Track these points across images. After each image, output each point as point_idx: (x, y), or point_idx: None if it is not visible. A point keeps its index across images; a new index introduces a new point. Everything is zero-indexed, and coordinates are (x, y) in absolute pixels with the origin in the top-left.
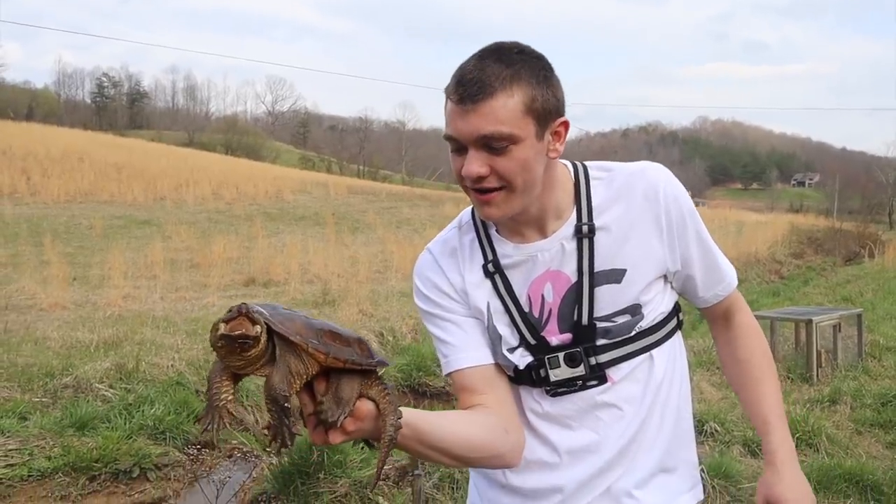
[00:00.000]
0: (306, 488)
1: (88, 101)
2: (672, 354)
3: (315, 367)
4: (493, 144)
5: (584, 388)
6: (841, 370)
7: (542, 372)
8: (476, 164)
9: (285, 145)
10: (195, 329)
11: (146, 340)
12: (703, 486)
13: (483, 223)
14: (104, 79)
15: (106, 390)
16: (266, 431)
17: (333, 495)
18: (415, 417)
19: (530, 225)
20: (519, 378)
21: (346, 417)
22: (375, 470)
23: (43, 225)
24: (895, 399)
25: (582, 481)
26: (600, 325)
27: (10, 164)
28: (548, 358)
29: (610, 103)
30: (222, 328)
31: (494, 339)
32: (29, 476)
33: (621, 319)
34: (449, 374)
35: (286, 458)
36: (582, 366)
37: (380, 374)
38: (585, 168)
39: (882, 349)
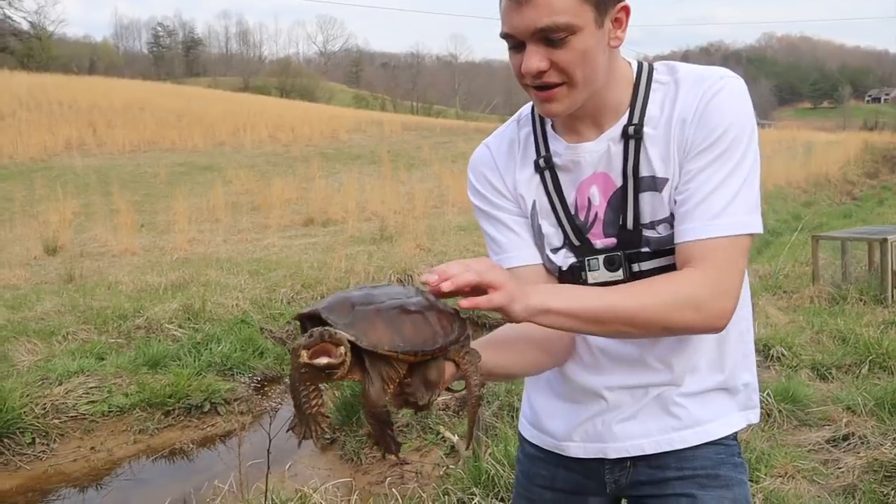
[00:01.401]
0: None
1: (146, 51)
2: None
3: (405, 366)
4: (551, 36)
5: None
6: None
7: (582, 274)
8: (535, 58)
9: (339, 85)
10: (257, 269)
11: (211, 282)
12: (770, 411)
13: (540, 118)
14: (159, 28)
15: (175, 330)
16: (369, 438)
17: (395, 425)
18: (483, 359)
19: (586, 120)
20: (562, 279)
21: (436, 398)
22: (468, 430)
23: (111, 175)
24: None
25: (626, 386)
26: (645, 232)
27: (77, 117)
28: (588, 259)
29: (668, 24)
30: (304, 356)
31: (538, 238)
32: (109, 412)
33: (663, 231)
34: None
35: (349, 392)
36: (621, 270)
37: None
38: (651, 68)
39: None
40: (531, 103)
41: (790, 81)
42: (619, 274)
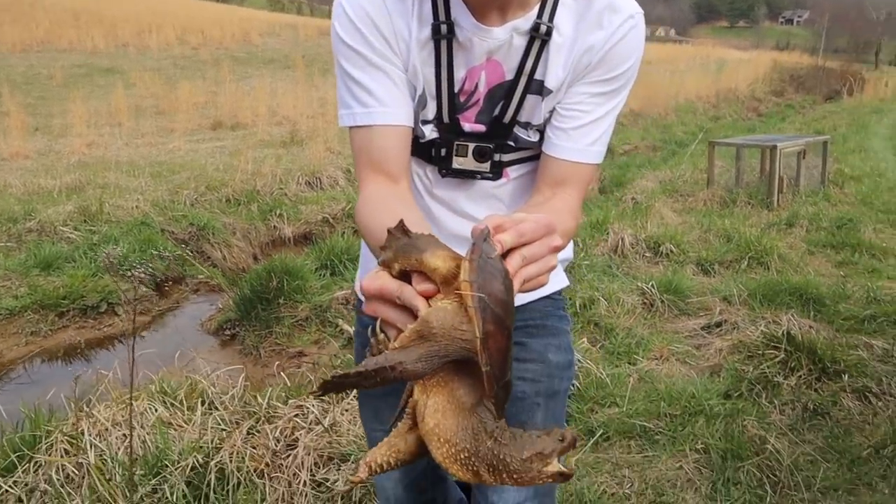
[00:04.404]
0: (267, 314)
1: None
2: None
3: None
4: None
5: (477, 178)
6: (801, 196)
7: (443, 152)
8: None
9: None
10: (160, 172)
11: (110, 184)
12: (653, 301)
13: None
14: None
15: (70, 232)
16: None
17: (294, 319)
18: None
19: (492, 6)
20: (415, 151)
21: None
22: None
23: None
24: (850, 222)
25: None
26: (517, 129)
27: None
28: (457, 144)
29: None
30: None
31: (419, 106)
32: None
33: (533, 135)
34: (361, 127)
35: (247, 289)
36: (489, 164)
37: None
38: None
39: (846, 178)
40: None
41: None
42: (486, 166)
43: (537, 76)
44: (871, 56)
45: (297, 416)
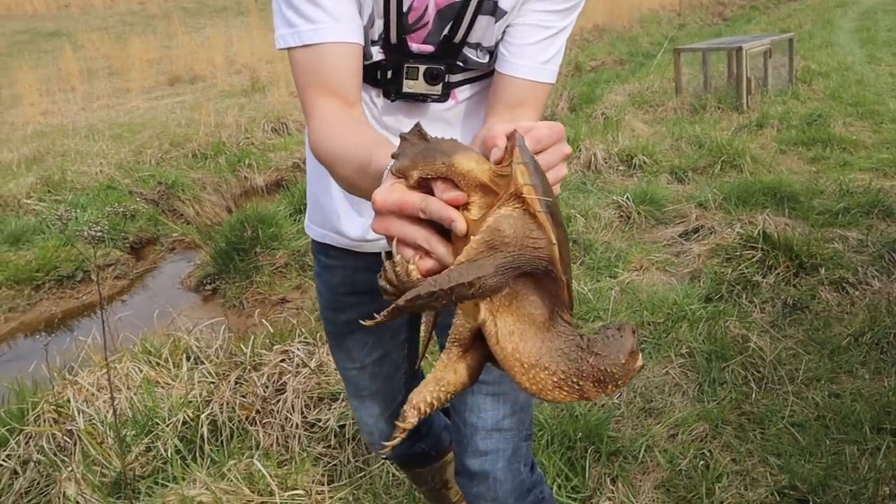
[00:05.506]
0: (245, 264)
1: None
2: None
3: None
4: None
5: (426, 101)
6: (770, 96)
7: (389, 74)
8: None
9: None
10: (121, 133)
11: (70, 151)
12: (629, 213)
13: None
14: None
15: (35, 204)
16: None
17: (273, 267)
18: None
19: None
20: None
21: None
22: None
23: None
24: (820, 118)
25: None
26: (466, 50)
27: None
28: (407, 67)
29: None
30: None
31: (367, 25)
32: None
33: (482, 56)
34: (307, 46)
35: (223, 242)
36: (440, 85)
37: None
38: None
39: (814, 74)
40: None
41: None
42: (438, 89)
43: None
44: None
45: (283, 361)
